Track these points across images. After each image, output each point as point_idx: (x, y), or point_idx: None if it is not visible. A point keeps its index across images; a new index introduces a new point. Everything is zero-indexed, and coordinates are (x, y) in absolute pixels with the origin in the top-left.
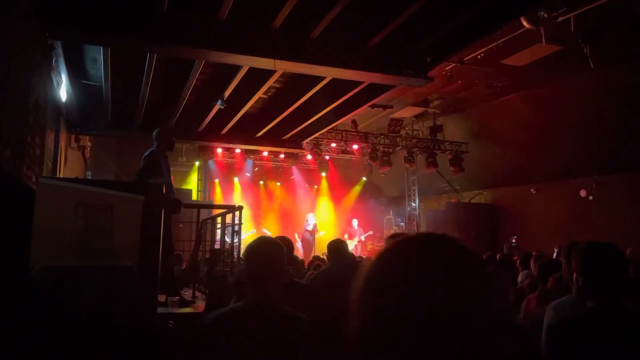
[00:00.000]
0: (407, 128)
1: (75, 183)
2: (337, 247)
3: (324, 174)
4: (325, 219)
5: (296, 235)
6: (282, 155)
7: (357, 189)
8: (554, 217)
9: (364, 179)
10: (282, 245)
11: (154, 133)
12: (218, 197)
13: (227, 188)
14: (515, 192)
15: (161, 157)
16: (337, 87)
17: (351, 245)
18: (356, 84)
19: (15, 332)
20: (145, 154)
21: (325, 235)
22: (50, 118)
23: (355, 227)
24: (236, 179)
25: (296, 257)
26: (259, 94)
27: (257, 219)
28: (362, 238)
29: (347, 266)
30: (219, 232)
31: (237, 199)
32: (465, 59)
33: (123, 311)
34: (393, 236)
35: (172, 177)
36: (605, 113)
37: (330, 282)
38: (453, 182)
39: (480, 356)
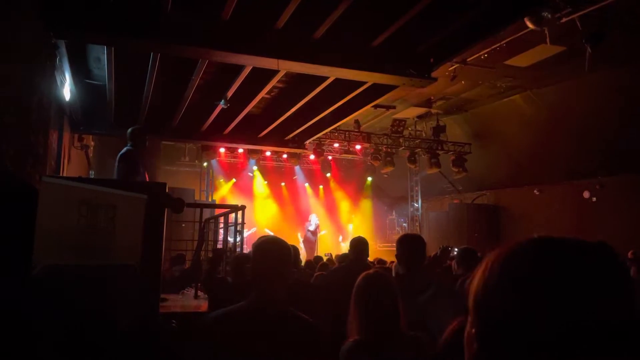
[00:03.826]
0: (410, 128)
1: (79, 182)
2: (359, 245)
3: (328, 175)
4: (327, 219)
5: (299, 235)
6: (284, 155)
7: (367, 191)
8: (557, 219)
9: (370, 179)
10: (289, 246)
11: (129, 132)
12: (221, 197)
13: (230, 187)
14: (519, 194)
15: (138, 156)
16: (340, 87)
17: None
18: (359, 84)
19: (18, 329)
20: (123, 152)
21: (327, 235)
22: (53, 117)
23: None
24: (236, 179)
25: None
26: (262, 93)
27: (260, 219)
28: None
29: (367, 267)
30: (221, 231)
31: (239, 198)
32: (468, 60)
33: (125, 310)
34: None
35: (147, 175)
36: (609, 114)
37: (351, 281)
38: (456, 183)
39: None
